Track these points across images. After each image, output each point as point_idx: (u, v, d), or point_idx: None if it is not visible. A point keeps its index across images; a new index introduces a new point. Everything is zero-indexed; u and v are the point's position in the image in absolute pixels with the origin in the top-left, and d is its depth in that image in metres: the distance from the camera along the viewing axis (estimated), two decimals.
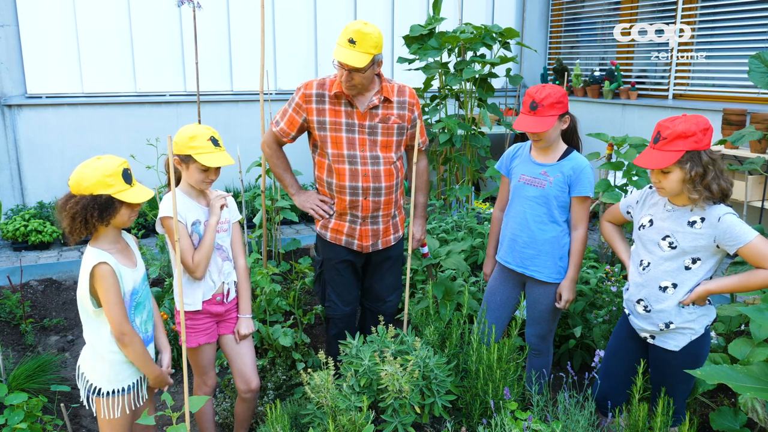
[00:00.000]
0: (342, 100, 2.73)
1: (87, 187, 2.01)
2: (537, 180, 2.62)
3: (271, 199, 3.97)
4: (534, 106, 2.50)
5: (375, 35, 2.58)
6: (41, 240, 5.31)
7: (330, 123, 2.75)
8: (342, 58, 2.57)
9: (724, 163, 2.10)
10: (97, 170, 2.01)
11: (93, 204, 2.00)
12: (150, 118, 6.13)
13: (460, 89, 5.10)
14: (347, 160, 2.75)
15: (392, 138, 2.80)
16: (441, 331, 2.65)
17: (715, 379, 1.90)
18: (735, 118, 5.15)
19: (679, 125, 2.05)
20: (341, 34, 2.63)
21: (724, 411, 2.38)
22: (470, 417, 2.34)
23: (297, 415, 2.37)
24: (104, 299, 2.05)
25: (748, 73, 2.98)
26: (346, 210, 2.82)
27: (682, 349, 2.21)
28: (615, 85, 6.62)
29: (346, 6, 6.90)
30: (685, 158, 2.04)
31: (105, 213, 2.03)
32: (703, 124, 2.07)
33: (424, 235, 3.09)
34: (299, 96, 2.77)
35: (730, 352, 2.26)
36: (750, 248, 2.02)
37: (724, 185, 2.06)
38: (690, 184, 2.06)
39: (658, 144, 2.09)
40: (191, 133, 2.36)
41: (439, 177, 5.50)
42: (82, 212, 2.00)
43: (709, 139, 2.07)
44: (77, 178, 2.02)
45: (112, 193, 2.02)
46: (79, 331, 4.12)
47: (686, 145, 2.04)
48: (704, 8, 5.86)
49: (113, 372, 2.15)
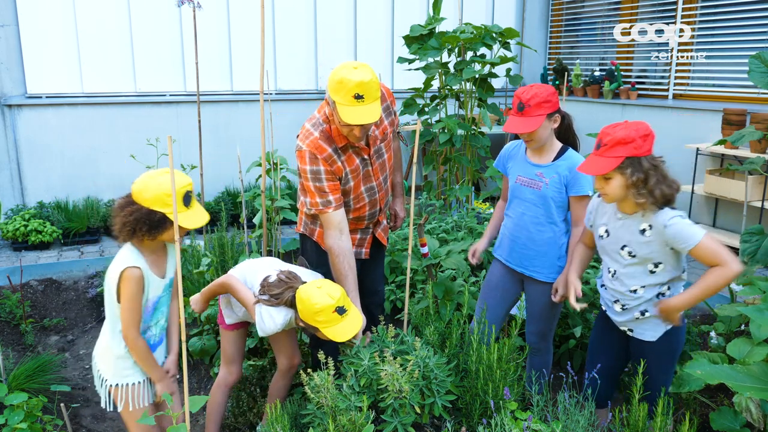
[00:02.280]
0: (348, 146, 2.58)
1: (146, 199, 2.04)
2: (533, 182, 2.61)
3: (271, 199, 3.97)
4: (521, 107, 2.47)
5: (375, 77, 2.33)
6: (41, 240, 5.31)
7: (351, 172, 2.59)
8: (357, 119, 2.30)
9: (666, 169, 2.15)
10: (160, 186, 2.04)
11: (146, 219, 2.04)
12: (150, 118, 6.12)
13: (460, 89, 5.10)
14: (366, 196, 2.69)
15: (390, 145, 2.78)
16: (441, 331, 2.65)
17: (716, 379, 1.90)
18: (735, 118, 5.16)
19: (619, 132, 2.10)
20: (336, 89, 2.31)
21: (724, 411, 2.37)
22: (470, 417, 2.34)
23: (297, 415, 2.37)
24: (123, 300, 2.09)
25: (748, 73, 2.98)
26: (359, 227, 2.80)
27: (658, 339, 2.28)
28: (615, 85, 6.62)
29: (346, 6, 6.90)
30: (625, 164, 2.09)
31: (154, 230, 2.07)
32: (643, 131, 2.10)
33: (404, 212, 3.08)
34: (321, 164, 2.48)
35: (728, 352, 2.26)
36: (700, 249, 2.06)
37: (667, 191, 2.10)
38: (633, 189, 2.10)
39: (599, 150, 2.13)
40: (318, 308, 2.23)
41: (439, 177, 5.51)
42: (133, 223, 2.04)
43: (650, 145, 2.12)
44: (140, 186, 2.06)
45: (167, 213, 2.04)
46: (79, 331, 4.12)
47: (626, 151, 2.08)
48: (704, 8, 5.87)
49: (118, 367, 2.20)
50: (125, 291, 2.07)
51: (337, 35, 6.90)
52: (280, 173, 4.21)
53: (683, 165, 5.78)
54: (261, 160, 3.63)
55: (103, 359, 2.22)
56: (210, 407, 2.70)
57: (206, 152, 5.26)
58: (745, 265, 2.91)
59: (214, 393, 2.70)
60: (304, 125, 2.59)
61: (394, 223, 3.09)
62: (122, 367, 2.20)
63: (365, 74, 2.30)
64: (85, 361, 3.78)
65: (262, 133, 3.36)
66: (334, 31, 6.88)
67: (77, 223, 5.60)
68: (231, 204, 6.16)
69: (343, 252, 2.51)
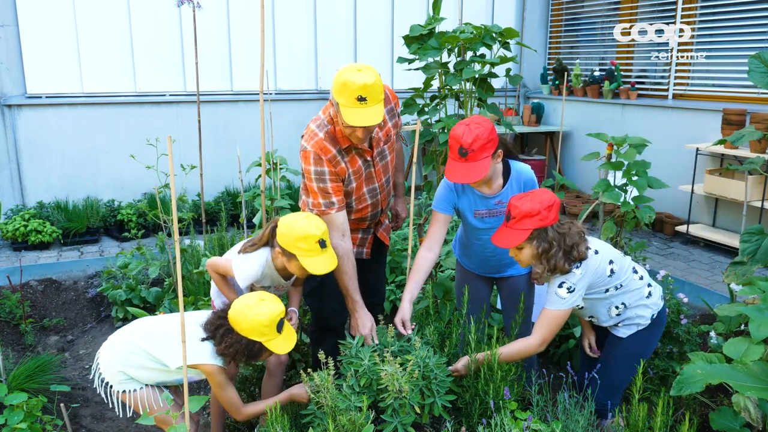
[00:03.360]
0: (352, 147, 2.57)
1: (243, 328, 2.16)
2: (495, 211, 2.54)
3: (271, 199, 3.97)
4: (464, 153, 2.29)
5: (378, 78, 2.34)
6: (41, 240, 5.31)
7: (354, 174, 2.59)
8: (361, 122, 2.31)
9: (575, 234, 2.23)
10: (256, 318, 2.14)
11: (245, 351, 2.18)
12: (150, 118, 6.12)
13: (459, 89, 5.10)
14: (369, 197, 2.70)
15: (393, 147, 2.78)
16: (441, 331, 2.65)
17: (716, 379, 1.90)
18: (735, 118, 5.15)
19: (525, 204, 2.19)
20: (340, 91, 2.32)
21: (724, 411, 2.37)
22: (470, 417, 2.34)
23: (297, 415, 2.37)
24: (218, 390, 2.26)
25: (748, 73, 2.97)
26: (360, 227, 2.81)
27: (629, 336, 2.40)
28: (615, 85, 6.62)
29: (346, 6, 6.90)
30: (533, 235, 2.20)
31: (252, 358, 2.24)
32: (548, 201, 2.19)
33: (405, 212, 3.08)
34: (326, 165, 2.49)
35: (725, 351, 2.25)
36: (545, 312, 2.27)
37: (562, 265, 2.19)
38: (537, 259, 2.24)
39: (509, 223, 2.24)
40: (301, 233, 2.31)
41: (439, 177, 5.50)
42: (233, 354, 2.18)
43: (555, 213, 2.21)
44: (238, 317, 2.17)
45: (264, 342, 2.18)
46: (79, 331, 4.12)
47: (533, 223, 2.18)
48: (704, 8, 5.87)
49: (122, 377, 2.29)
50: (215, 383, 2.25)
51: (337, 35, 6.90)
52: (279, 173, 4.21)
53: (683, 165, 5.78)
54: (261, 160, 3.63)
55: (108, 368, 2.29)
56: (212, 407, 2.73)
57: (206, 152, 5.26)
58: (745, 265, 2.90)
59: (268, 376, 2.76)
60: (308, 126, 2.58)
61: (396, 223, 3.09)
62: (126, 380, 2.28)
63: (369, 77, 2.30)
64: (85, 361, 3.78)
65: (262, 133, 3.36)
66: (334, 31, 6.88)
67: (77, 223, 5.60)
68: (231, 204, 6.16)
69: (346, 253, 2.53)
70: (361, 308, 2.57)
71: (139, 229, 5.38)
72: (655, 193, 5.04)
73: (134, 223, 5.75)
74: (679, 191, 5.73)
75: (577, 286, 2.23)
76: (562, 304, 2.24)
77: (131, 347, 2.28)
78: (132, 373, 2.26)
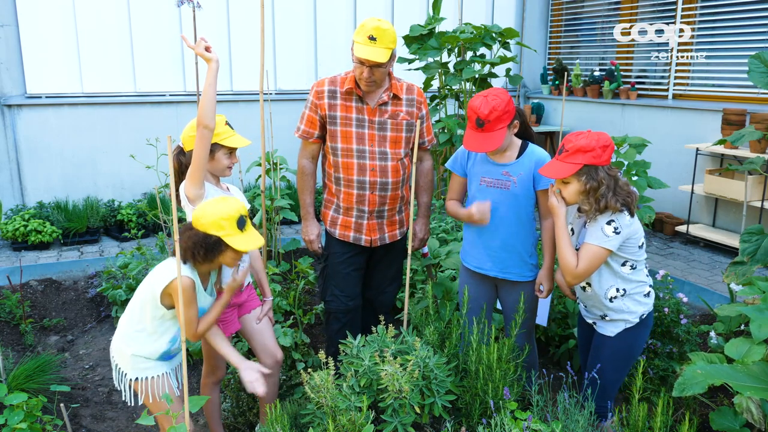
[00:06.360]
0: (353, 96, 2.79)
1: (203, 224, 2.14)
2: (500, 182, 2.56)
3: (271, 198, 3.97)
4: (481, 123, 2.39)
5: (392, 30, 2.66)
6: (41, 240, 5.31)
7: (341, 118, 2.80)
8: (365, 55, 2.63)
9: (624, 181, 2.26)
10: (216, 211, 2.14)
11: (202, 243, 2.14)
12: (150, 118, 6.12)
13: (459, 89, 5.10)
14: (356, 155, 2.80)
15: (401, 134, 2.84)
16: (441, 331, 2.65)
17: (716, 379, 1.90)
18: (735, 118, 5.16)
19: (581, 140, 2.20)
20: (358, 31, 2.67)
21: (724, 411, 2.37)
22: (470, 417, 2.34)
23: (297, 415, 2.37)
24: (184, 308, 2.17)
25: (748, 73, 2.98)
26: (352, 204, 2.87)
27: (616, 335, 2.38)
28: (615, 85, 6.62)
29: (346, 6, 6.90)
30: (582, 171, 2.21)
31: (210, 253, 2.17)
32: (604, 141, 2.20)
33: (427, 234, 3.11)
34: (313, 94, 2.84)
35: (726, 352, 2.25)
36: (586, 247, 2.24)
37: (613, 204, 2.19)
38: (584, 195, 2.24)
39: (561, 156, 2.25)
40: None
41: (439, 177, 5.51)
42: (192, 247, 2.15)
43: (609, 155, 2.22)
44: (199, 213, 2.17)
45: (222, 236, 2.13)
46: (79, 331, 4.12)
47: (585, 159, 2.19)
48: (704, 8, 5.87)
49: (136, 362, 2.27)
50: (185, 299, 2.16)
51: (337, 35, 6.90)
52: (279, 173, 4.22)
53: (683, 165, 5.78)
54: (261, 160, 3.63)
55: (121, 355, 2.29)
56: (205, 407, 2.72)
57: None
58: (745, 265, 2.90)
59: (203, 392, 2.74)
60: None
61: (413, 243, 3.06)
62: (140, 362, 2.26)
63: (383, 23, 2.66)
64: (85, 361, 3.78)
65: (262, 133, 3.36)
66: (334, 31, 6.88)
67: (77, 223, 5.60)
68: None
69: (309, 172, 2.94)
70: (311, 217, 2.98)
71: (139, 229, 5.38)
72: (655, 193, 5.05)
73: (134, 223, 5.75)
74: (679, 191, 5.73)
75: (623, 229, 2.21)
76: (605, 242, 2.20)
77: (126, 320, 2.28)
78: (138, 349, 2.23)
